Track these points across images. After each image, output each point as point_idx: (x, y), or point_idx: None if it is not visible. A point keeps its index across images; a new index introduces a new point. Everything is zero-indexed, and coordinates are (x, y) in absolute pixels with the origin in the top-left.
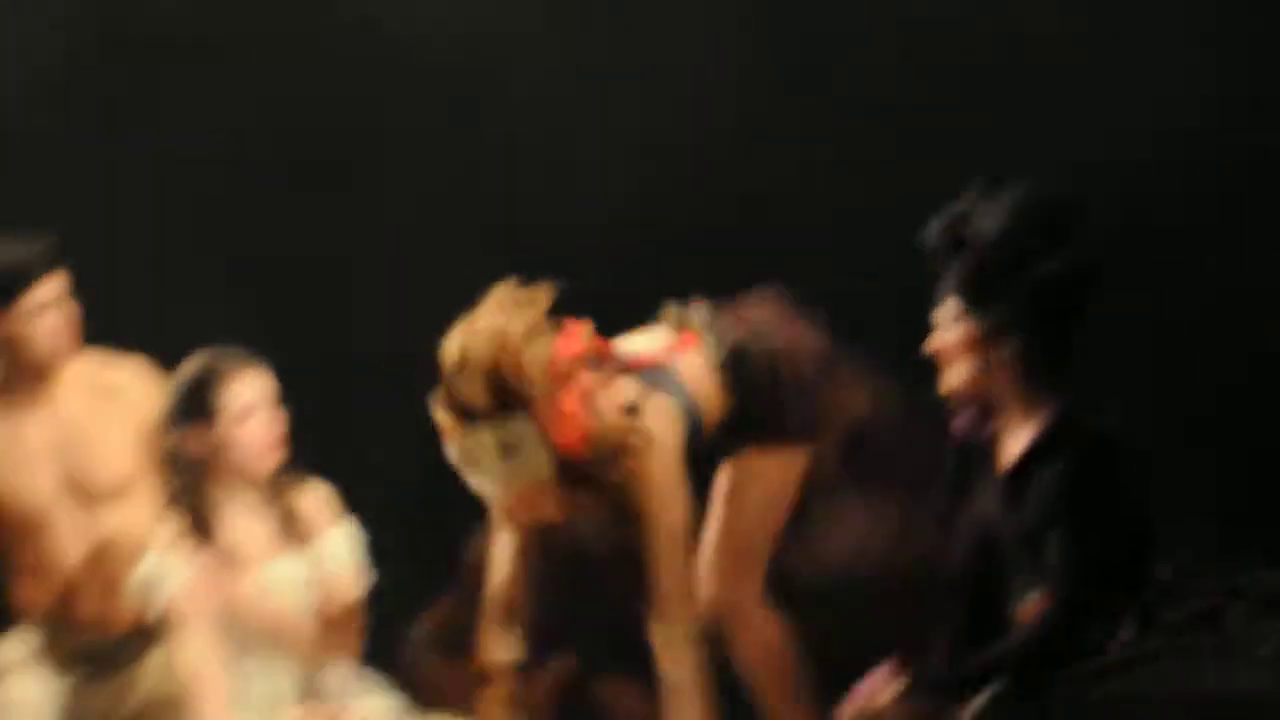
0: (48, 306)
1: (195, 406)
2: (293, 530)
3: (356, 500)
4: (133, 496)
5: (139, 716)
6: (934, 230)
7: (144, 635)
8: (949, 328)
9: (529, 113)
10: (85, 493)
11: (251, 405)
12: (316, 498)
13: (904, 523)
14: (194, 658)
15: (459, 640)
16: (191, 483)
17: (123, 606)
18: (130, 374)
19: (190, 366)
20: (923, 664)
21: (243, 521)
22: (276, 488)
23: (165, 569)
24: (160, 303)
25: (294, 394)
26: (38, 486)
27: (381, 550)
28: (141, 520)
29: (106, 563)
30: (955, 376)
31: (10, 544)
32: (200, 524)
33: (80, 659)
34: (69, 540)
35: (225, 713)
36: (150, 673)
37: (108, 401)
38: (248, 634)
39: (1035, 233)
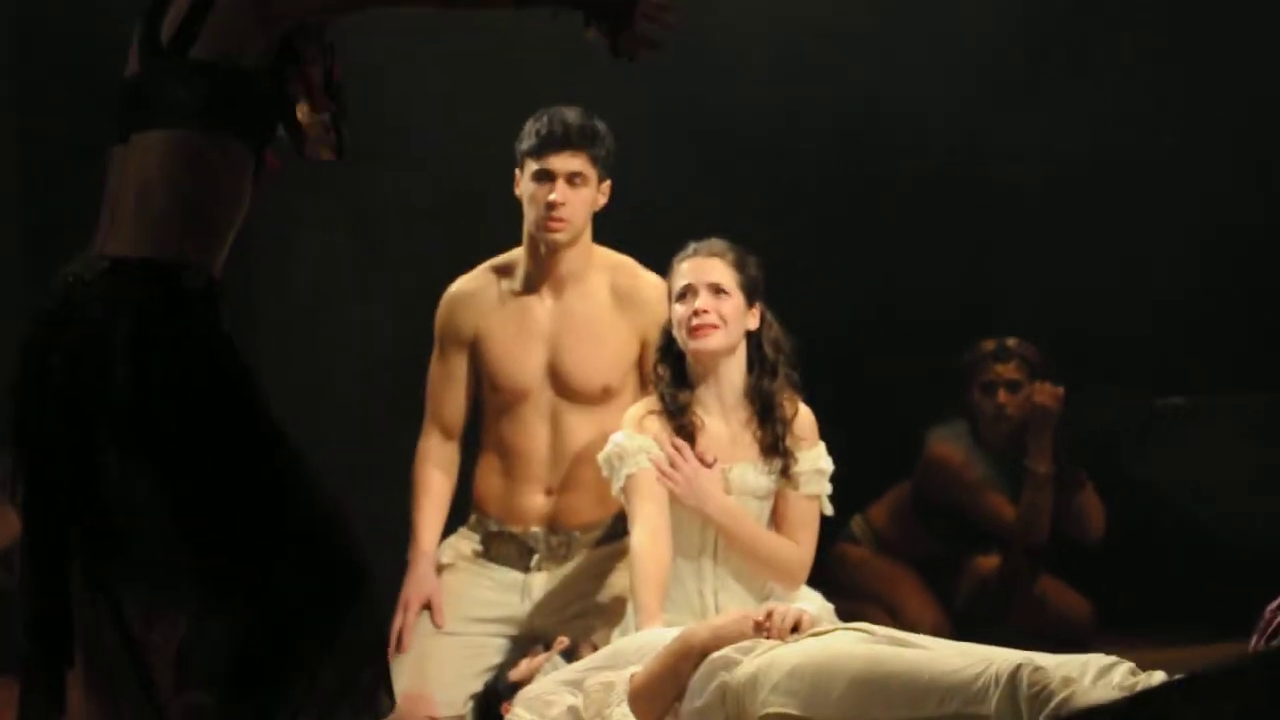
0: (556, 177)
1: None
2: (770, 440)
3: None
4: (611, 405)
5: (593, 611)
6: None
7: (600, 530)
8: None
9: None
10: (566, 388)
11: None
12: (802, 417)
13: None
14: (637, 542)
15: (899, 536)
16: (674, 374)
17: (577, 503)
18: (652, 287)
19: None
20: None
21: (715, 421)
22: (762, 397)
23: (631, 449)
24: None
25: None
26: (527, 368)
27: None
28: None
29: (566, 459)
30: None
31: (489, 416)
32: (676, 413)
33: (532, 552)
34: (538, 427)
35: (657, 602)
36: (604, 566)
37: (622, 310)
38: (689, 530)
39: None
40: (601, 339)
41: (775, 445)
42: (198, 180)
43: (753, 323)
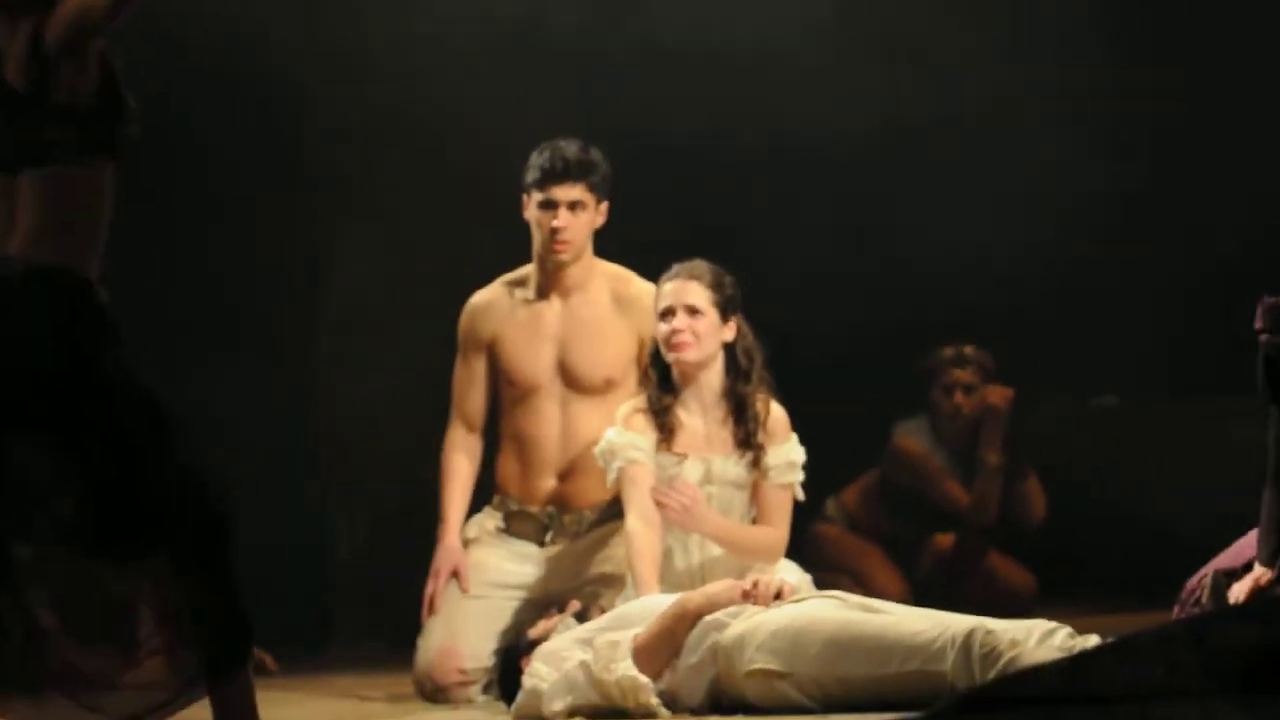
0: (558, 205)
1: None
2: (742, 435)
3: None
4: (614, 396)
5: (600, 579)
6: None
7: (606, 508)
8: None
9: None
10: (573, 381)
11: (665, 309)
12: (775, 415)
13: None
14: (631, 525)
15: (868, 516)
16: (661, 378)
17: (585, 485)
18: (647, 294)
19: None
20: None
21: (694, 419)
22: (737, 398)
23: (620, 444)
24: None
25: None
26: (539, 365)
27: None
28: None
29: (575, 446)
30: None
31: (506, 410)
32: (659, 412)
33: (547, 528)
34: (550, 417)
35: (653, 577)
36: (610, 539)
37: (622, 313)
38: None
39: None
40: (604, 338)
41: (747, 440)
42: (85, 206)
43: (729, 335)
